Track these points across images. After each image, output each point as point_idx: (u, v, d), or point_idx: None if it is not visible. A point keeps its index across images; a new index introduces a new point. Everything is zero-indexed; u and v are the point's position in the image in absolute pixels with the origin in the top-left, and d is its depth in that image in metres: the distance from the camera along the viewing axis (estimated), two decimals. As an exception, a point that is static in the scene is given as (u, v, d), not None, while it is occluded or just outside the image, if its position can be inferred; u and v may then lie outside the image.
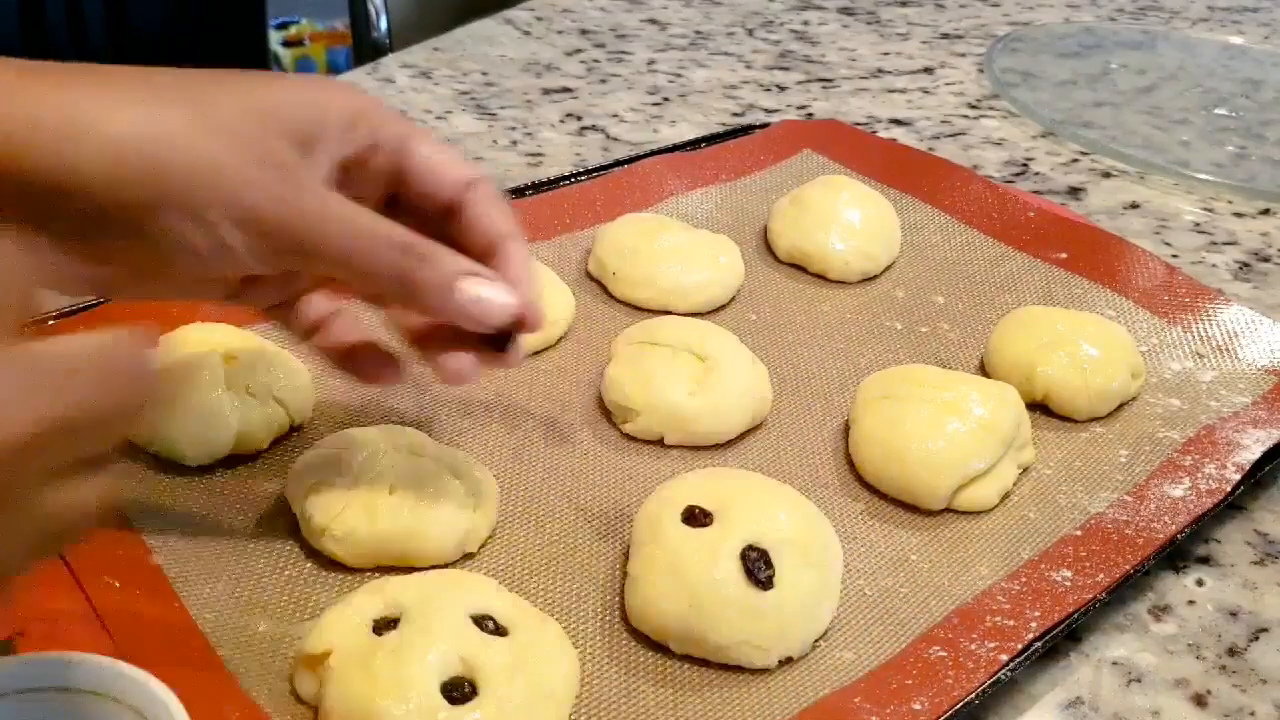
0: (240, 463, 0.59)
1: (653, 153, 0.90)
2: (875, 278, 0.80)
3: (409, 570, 0.53)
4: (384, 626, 0.48)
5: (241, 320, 0.65)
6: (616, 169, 0.86)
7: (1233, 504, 0.63)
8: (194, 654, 0.48)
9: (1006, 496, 0.62)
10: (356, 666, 0.46)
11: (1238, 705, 0.53)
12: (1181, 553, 0.61)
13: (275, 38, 2.73)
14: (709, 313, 0.74)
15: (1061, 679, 0.54)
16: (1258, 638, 0.56)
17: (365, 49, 1.38)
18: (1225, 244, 0.91)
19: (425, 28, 1.27)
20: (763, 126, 0.96)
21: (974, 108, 1.13)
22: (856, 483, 0.62)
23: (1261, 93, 1.22)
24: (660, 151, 0.90)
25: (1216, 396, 0.70)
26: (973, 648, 0.51)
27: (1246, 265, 0.89)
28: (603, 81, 1.12)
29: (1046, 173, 1.01)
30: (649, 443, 0.64)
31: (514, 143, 0.98)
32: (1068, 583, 0.55)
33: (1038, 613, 0.53)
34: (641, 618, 0.52)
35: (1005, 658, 0.51)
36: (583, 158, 0.96)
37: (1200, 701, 0.53)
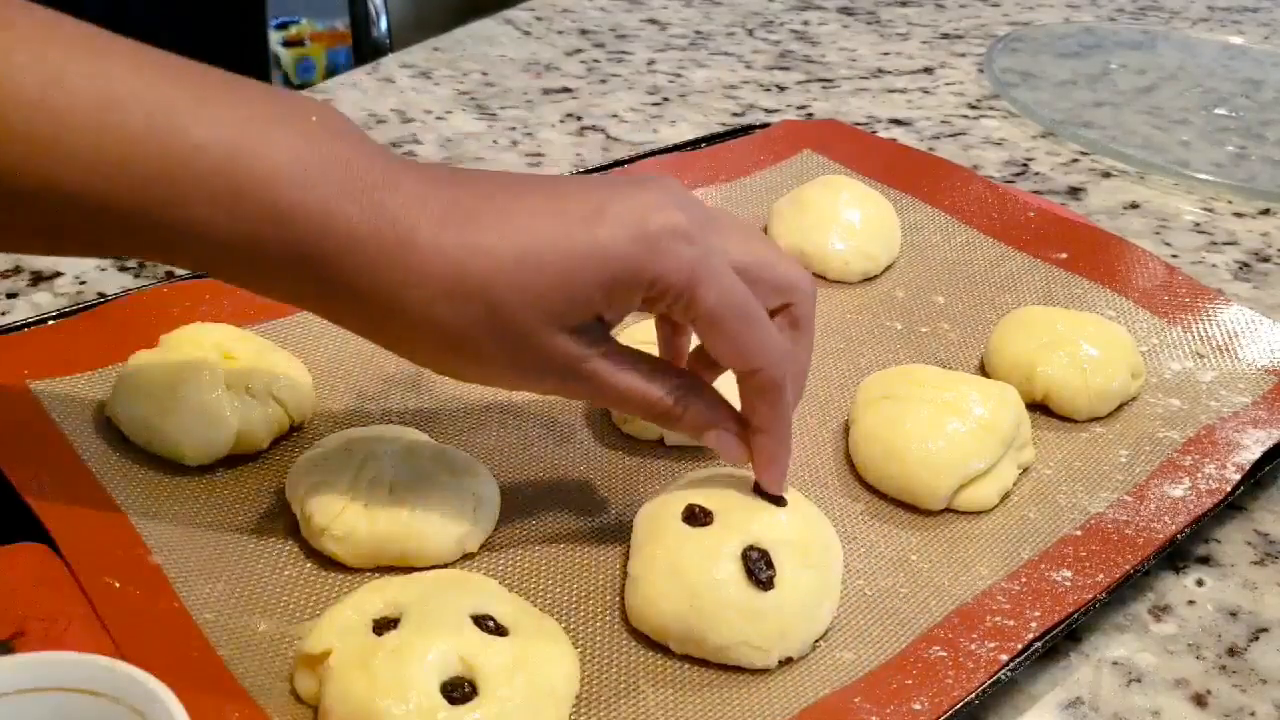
0: (240, 463, 0.59)
1: (653, 153, 0.90)
2: (875, 278, 0.80)
3: (409, 570, 0.53)
4: (384, 626, 0.48)
5: (241, 320, 0.65)
6: (616, 169, 0.86)
7: (1233, 504, 0.63)
8: (194, 654, 0.48)
9: (1006, 496, 0.62)
10: (356, 666, 0.45)
11: (1238, 705, 0.53)
12: (1181, 553, 0.61)
13: (275, 38, 2.73)
14: (709, 313, 0.74)
15: (1061, 679, 0.54)
16: (1258, 638, 0.56)
17: (365, 49, 1.38)
18: (1225, 244, 0.91)
19: (425, 28, 1.27)
20: (763, 126, 0.96)
21: (974, 108, 1.13)
22: (856, 483, 0.62)
23: (1261, 93, 1.22)
24: (660, 151, 0.90)
25: (1216, 396, 0.70)
26: (973, 648, 0.51)
27: (1246, 265, 0.89)
28: (603, 81, 1.12)
29: (1046, 173, 1.01)
30: (649, 443, 0.64)
31: (514, 143, 0.98)
32: (1068, 583, 0.55)
33: (1038, 613, 0.53)
34: (641, 618, 0.52)
35: (1005, 658, 0.51)
36: (583, 158, 0.96)
37: (1200, 701, 0.53)
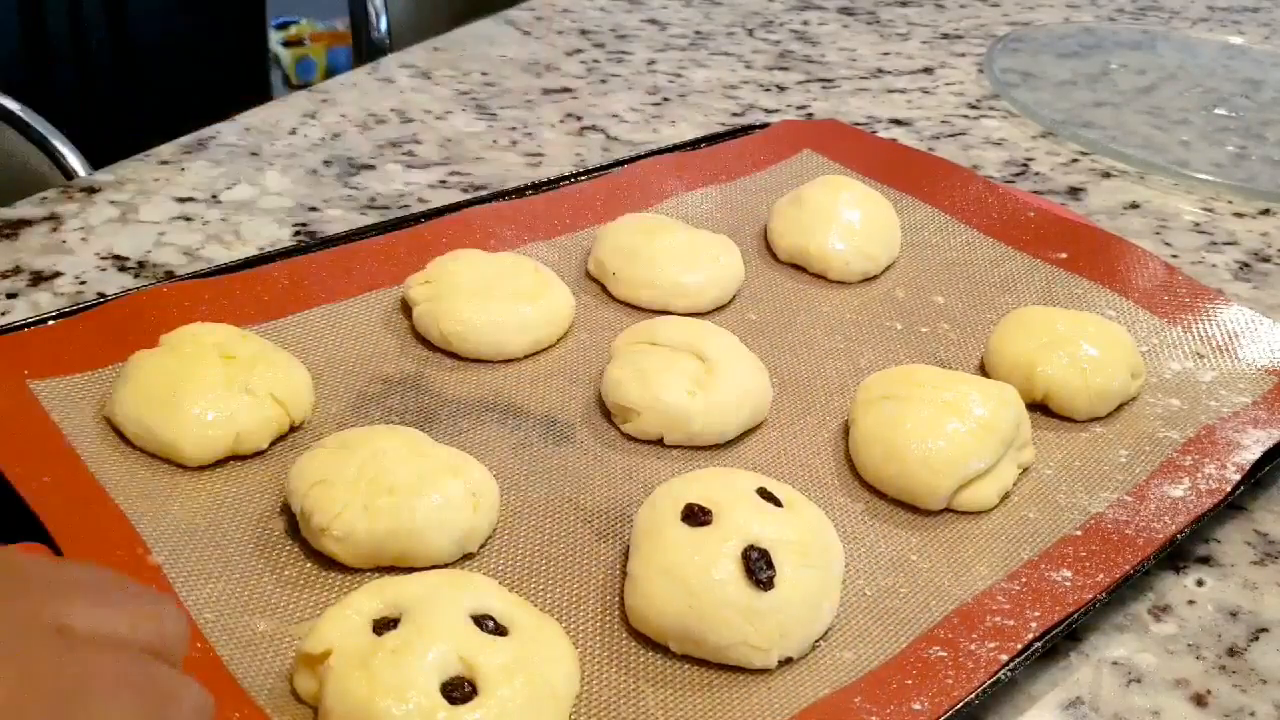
0: (240, 463, 0.59)
1: (653, 153, 0.90)
2: (875, 278, 0.80)
3: (409, 570, 0.53)
4: (384, 626, 0.48)
5: (241, 320, 0.65)
6: (616, 169, 0.86)
7: (1233, 504, 0.63)
8: (194, 654, 0.48)
9: (1006, 496, 0.62)
10: (356, 666, 0.45)
11: (1238, 705, 0.53)
12: (1181, 553, 0.61)
13: (275, 38, 2.73)
14: (709, 313, 0.74)
15: (1061, 679, 0.54)
16: (1258, 638, 0.56)
17: (365, 49, 1.38)
18: (1225, 244, 0.91)
19: (425, 28, 1.27)
20: (763, 126, 0.96)
21: (974, 108, 1.13)
22: (856, 483, 0.62)
23: (1261, 93, 1.22)
24: (660, 151, 0.90)
25: (1216, 396, 0.70)
26: (973, 648, 0.51)
27: (1246, 265, 0.89)
28: (603, 81, 1.12)
29: (1046, 173, 1.01)
30: (649, 443, 0.64)
31: (514, 143, 0.98)
32: (1068, 583, 0.55)
33: (1038, 613, 0.53)
34: (641, 618, 0.52)
35: (1005, 658, 0.51)
36: (583, 158, 0.96)
37: (1200, 701, 0.53)
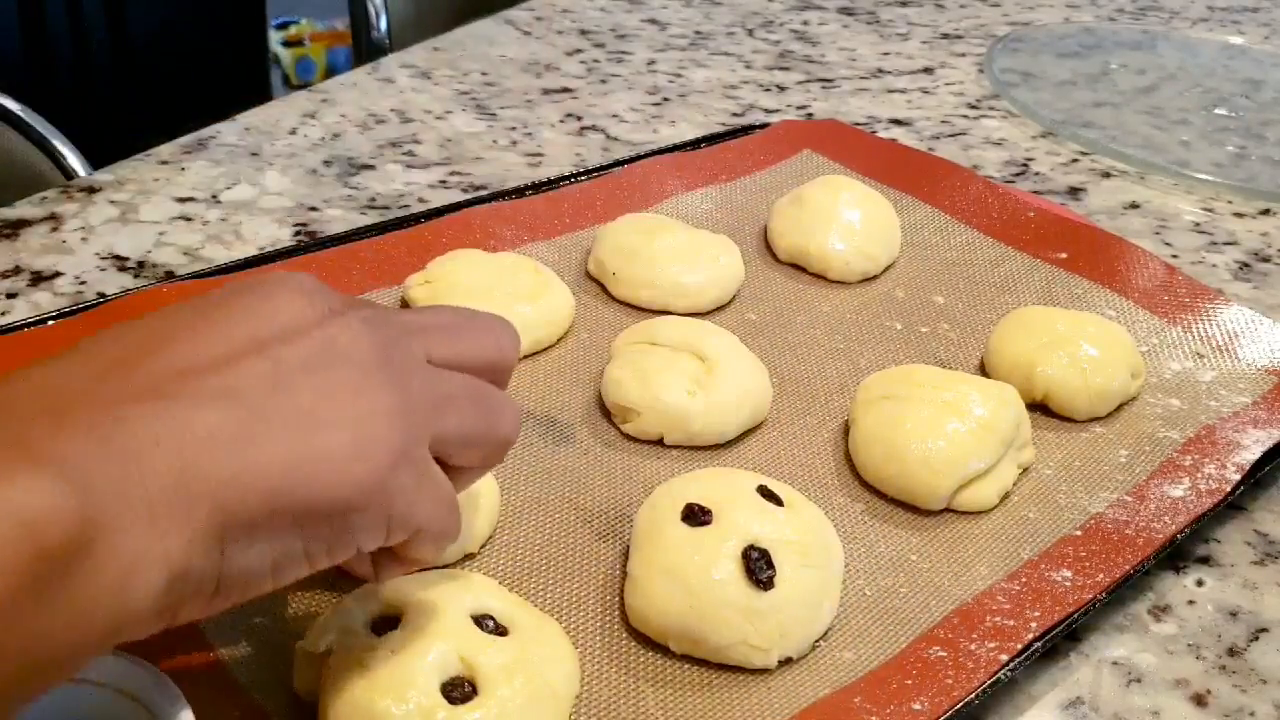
0: (240, 463, 0.59)
1: (653, 153, 0.90)
2: (875, 278, 0.80)
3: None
4: (384, 626, 0.47)
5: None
6: (616, 169, 0.86)
7: (1233, 504, 0.63)
8: (194, 654, 0.48)
9: (1006, 496, 0.62)
10: (356, 666, 0.45)
11: (1238, 705, 0.53)
12: (1181, 553, 0.61)
13: (275, 38, 2.73)
14: (709, 313, 0.74)
15: (1061, 679, 0.54)
16: (1258, 638, 0.56)
17: (365, 49, 1.38)
18: (1225, 244, 0.91)
19: (425, 28, 1.27)
20: (763, 126, 0.96)
21: (974, 108, 1.13)
22: (856, 483, 0.62)
23: (1261, 93, 1.22)
24: (660, 151, 0.90)
25: (1216, 396, 0.70)
26: (973, 648, 0.51)
27: (1246, 265, 0.89)
28: (603, 81, 1.12)
29: (1046, 173, 1.01)
30: (649, 443, 0.64)
31: (514, 143, 0.98)
32: (1068, 583, 0.55)
33: (1038, 613, 0.53)
34: (641, 618, 0.52)
35: (1005, 658, 0.51)
36: (583, 158, 0.96)
37: (1200, 701, 0.53)
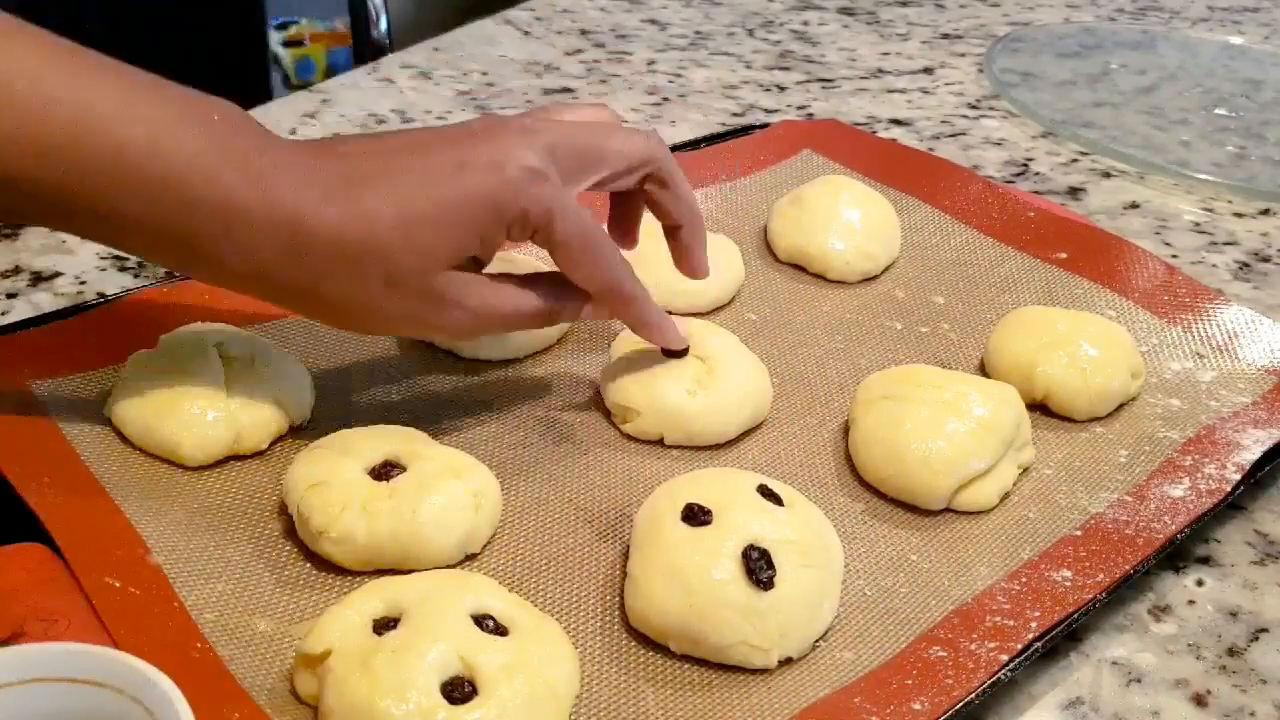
0: (240, 463, 0.59)
1: (653, 153, 0.90)
2: (875, 278, 0.80)
3: (409, 572, 0.53)
4: (384, 626, 0.48)
5: (241, 320, 0.65)
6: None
7: (1233, 504, 0.63)
8: (194, 654, 0.48)
9: (1006, 496, 0.62)
10: (356, 666, 0.45)
11: (1238, 705, 0.53)
12: (1181, 553, 0.61)
13: (275, 38, 2.73)
14: (709, 313, 0.74)
15: (1061, 679, 0.54)
16: (1258, 638, 0.57)
17: (365, 49, 1.38)
18: (1225, 244, 0.91)
19: (425, 28, 1.27)
20: (763, 126, 0.96)
21: (974, 108, 1.13)
22: (856, 483, 0.62)
23: (1261, 93, 1.22)
24: (660, 151, 0.90)
25: (1216, 396, 0.70)
26: (973, 648, 0.51)
27: (1246, 265, 0.89)
28: (603, 82, 1.12)
29: (1046, 173, 1.01)
30: (649, 443, 0.64)
31: (514, 143, 0.98)
32: (1068, 583, 0.55)
33: (1038, 613, 0.53)
34: (641, 618, 0.52)
35: (1005, 658, 0.51)
36: (583, 158, 0.96)
37: (1200, 701, 0.53)
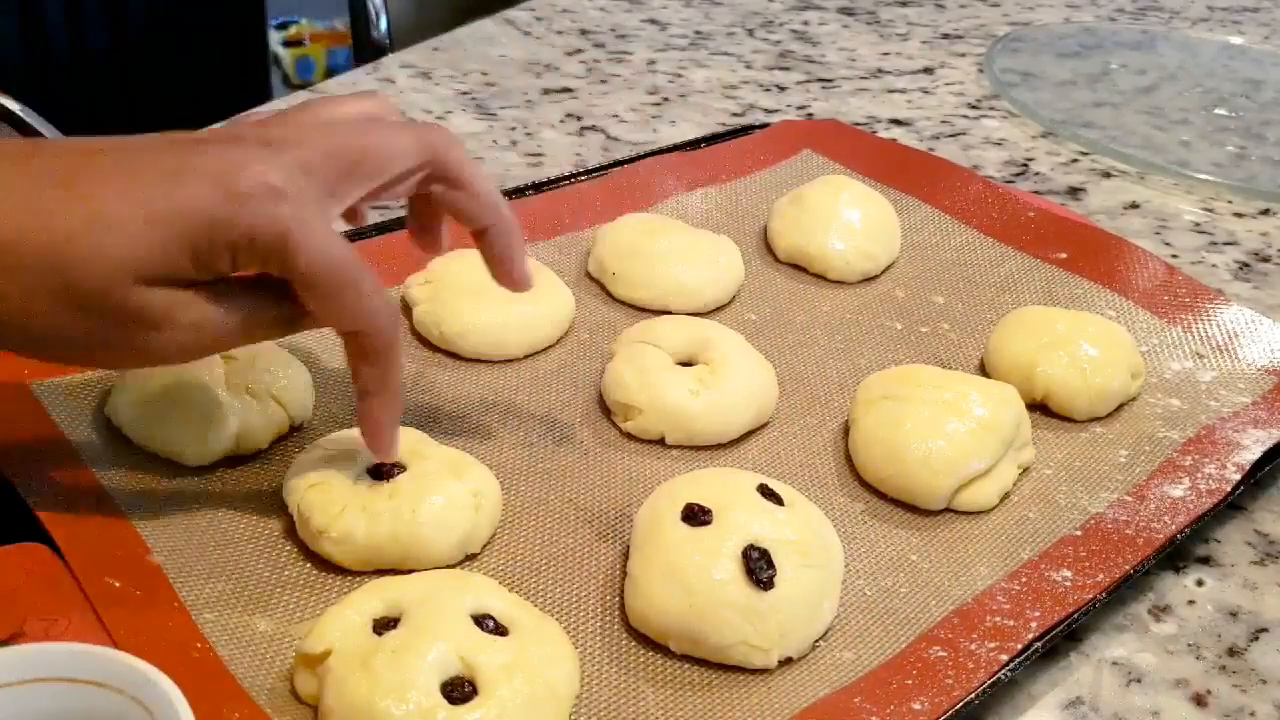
0: (240, 463, 0.59)
1: (653, 153, 0.90)
2: (875, 278, 0.80)
3: (410, 572, 0.53)
4: (384, 626, 0.48)
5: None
6: (616, 169, 0.86)
7: (1233, 504, 0.63)
8: (194, 654, 0.48)
9: (1006, 496, 0.62)
10: (356, 666, 0.45)
11: (1238, 705, 0.53)
12: (1181, 553, 0.61)
13: (275, 38, 2.73)
14: (709, 313, 0.74)
15: (1061, 679, 0.54)
16: (1258, 638, 0.57)
17: (365, 49, 1.38)
18: (1225, 244, 0.91)
19: (425, 28, 1.27)
20: (763, 126, 0.96)
21: (974, 108, 1.13)
22: (856, 483, 0.62)
23: (1261, 93, 1.22)
24: (660, 151, 0.90)
25: (1216, 396, 0.70)
26: (973, 648, 0.51)
27: (1246, 265, 0.89)
28: (603, 82, 1.12)
29: (1046, 173, 1.01)
30: (649, 442, 0.64)
31: (514, 143, 0.98)
32: (1068, 583, 0.55)
33: (1038, 613, 0.53)
34: (641, 618, 0.52)
35: (1005, 658, 0.51)
36: (583, 158, 0.96)
37: (1200, 701, 0.53)
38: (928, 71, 1.22)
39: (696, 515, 0.53)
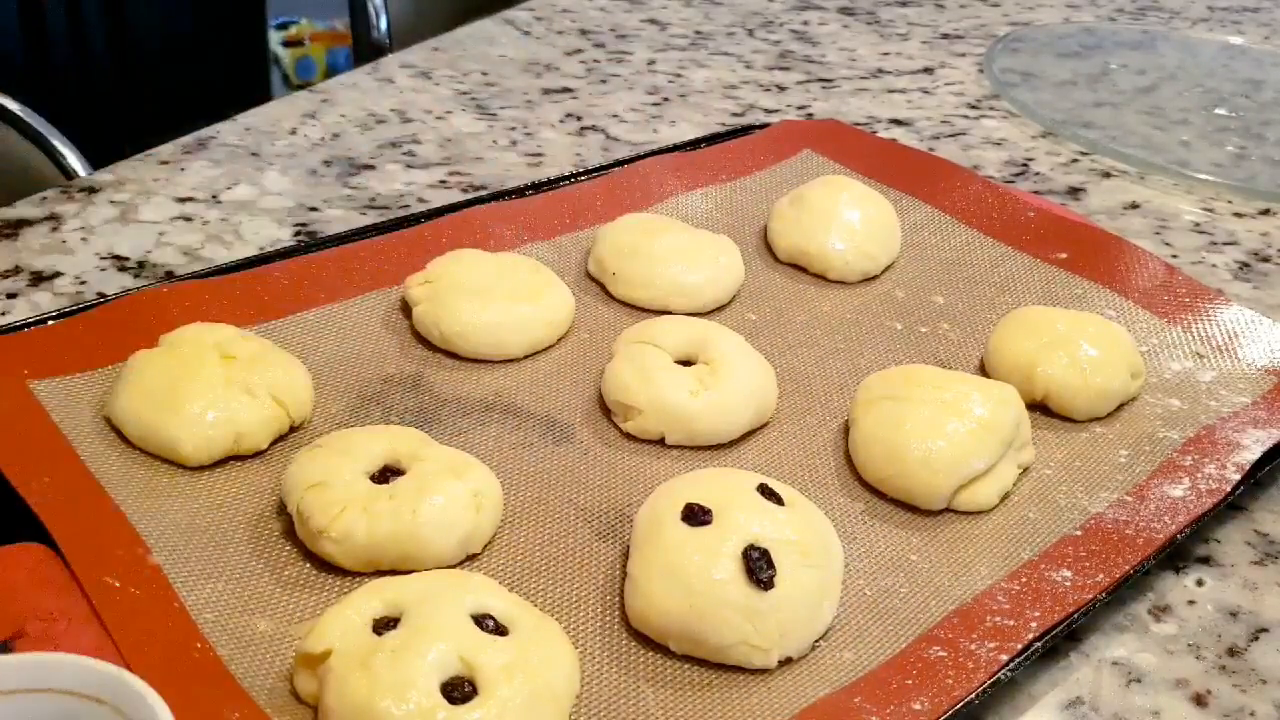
0: (240, 463, 0.59)
1: (653, 153, 0.90)
2: (875, 278, 0.80)
3: (409, 572, 0.53)
4: (384, 626, 0.48)
5: (241, 320, 0.65)
6: (616, 169, 0.86)
7: (1233, 504, 0.63)
8: (194, 654, 0.48)
9: (1006, 496, 0.62)
10: (356, 666, 0.45)
11: (1238, 705, 0.53)
12: (1181, 553, 0.61)
13: (275, 38, 2.73)
14: (709, 313, 0.74)
15: (1061, 679, 0.54)
16: (1258, 638, 0.56)
17: (365, 49, 1.38)
18: (1225, 244, 0.91)
19: (425, 28, 1.27)
20: (763, 126, 0.96)
21: (974, 108, 1.13)
22: (856, 483, 0.62)
23: (1261, 93, 1.22)
24: (660, 151, 0.90)
25: (1216, 396, 0.70)
26: (973, 648, 0.51)
27: (1246, 265, 0.89)
28: (603, 81, 1.12)
29: (1046, 173, 1.01)
30: (649, 442, 0.64)
31: (514, 143, 0.98)
32: (1068, 583, 0.55)
33: (1038, 613, 0.53)
34: (641, 618, 0.52)
35: (1005, 658, 0.51)
36: (583, 158, 0.96)
37: (1200, 701, 0.53)
38: (928, 71, 1.22)
39: (696, 515, 0.53)
